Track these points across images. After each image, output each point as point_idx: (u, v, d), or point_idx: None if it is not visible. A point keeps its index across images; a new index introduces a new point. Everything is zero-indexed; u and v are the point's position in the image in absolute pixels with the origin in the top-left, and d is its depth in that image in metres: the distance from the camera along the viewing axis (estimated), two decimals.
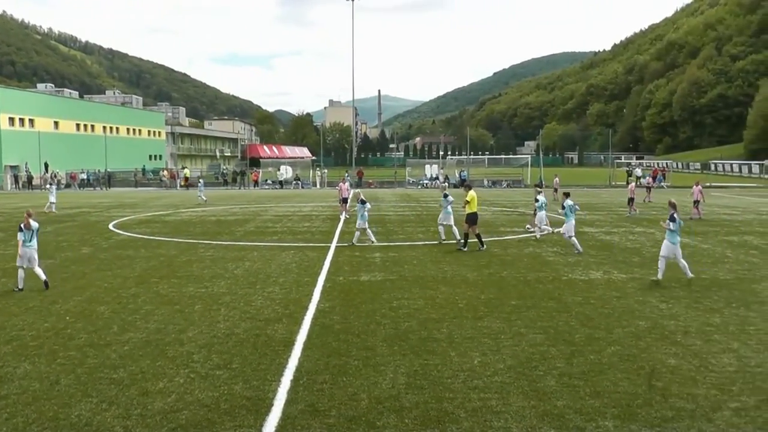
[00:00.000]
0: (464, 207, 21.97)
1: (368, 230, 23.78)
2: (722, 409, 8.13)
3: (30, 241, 15.57)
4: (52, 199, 39.34)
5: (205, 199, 47.81)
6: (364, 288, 15.75)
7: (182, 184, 74.86)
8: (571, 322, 12.31)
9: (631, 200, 35.29)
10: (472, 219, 21.66)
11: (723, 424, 7.72)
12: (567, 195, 22.40)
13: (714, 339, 11.17)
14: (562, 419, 7.79)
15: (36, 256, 15.74)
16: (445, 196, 23.12)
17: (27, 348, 10.91)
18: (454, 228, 22.95)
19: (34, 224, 15.85)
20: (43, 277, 15.71)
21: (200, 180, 56.29)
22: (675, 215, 15.93)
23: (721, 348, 10.66)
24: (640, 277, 16.98)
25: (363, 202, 23.01)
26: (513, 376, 9.31)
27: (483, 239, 22.17)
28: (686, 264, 16.15)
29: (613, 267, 18.51)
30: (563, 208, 21.76)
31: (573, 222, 21.37)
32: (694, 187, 33.33)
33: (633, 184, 34.99)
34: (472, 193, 21.87)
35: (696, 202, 32.85)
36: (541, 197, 25.12)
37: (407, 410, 8.09)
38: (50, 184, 42.67)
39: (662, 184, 67.15)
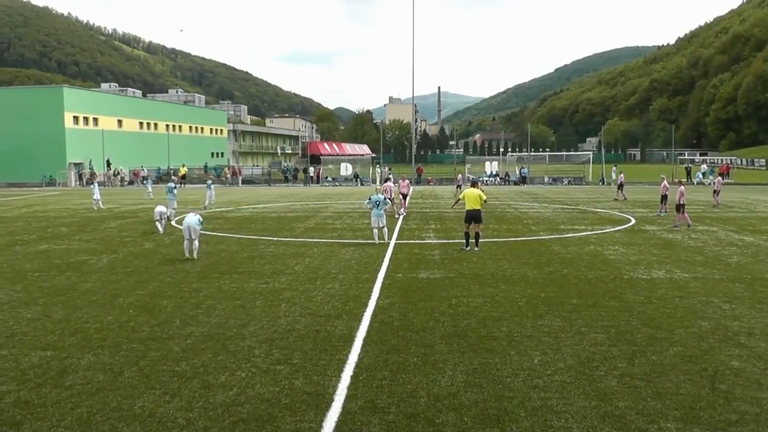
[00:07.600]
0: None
1: (157, 223, 26.21)
2: None
3: None
4: (96, 196, 39.73)
5: (152, 197, 48.47)
6: (422, 285, 15.75)
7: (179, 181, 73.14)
8: (633, 322, 12.15)
9: (664, 198, 33.38)
10: (466, 216, 21.31)
11: None
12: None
13: None
14: (624, 420, 7.70)
15: None
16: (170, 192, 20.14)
17: (91, 340, 11.18)
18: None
19: None
20: None
21: (147, 178, 57.21)
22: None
23: None
24: (703, 276, 16.68)
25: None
26: (574, 375, 9.23)
27: (474, 240, 21.55)
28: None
29: (675, 266, 18.19)
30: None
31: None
32: (662, 183, 32.10)
33: (665, 181, 33.48)
34: (468, 190, 21.43)
35: (664, 197, 31.73)
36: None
37: (466, 408, 8.08)
38: (92, 183, 43.52)
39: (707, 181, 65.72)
